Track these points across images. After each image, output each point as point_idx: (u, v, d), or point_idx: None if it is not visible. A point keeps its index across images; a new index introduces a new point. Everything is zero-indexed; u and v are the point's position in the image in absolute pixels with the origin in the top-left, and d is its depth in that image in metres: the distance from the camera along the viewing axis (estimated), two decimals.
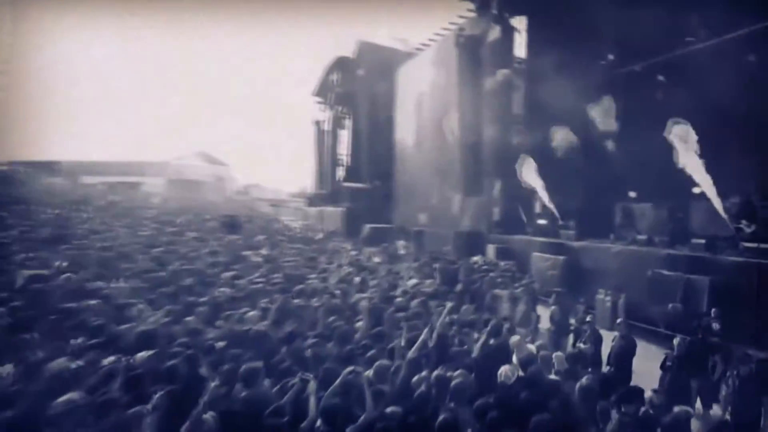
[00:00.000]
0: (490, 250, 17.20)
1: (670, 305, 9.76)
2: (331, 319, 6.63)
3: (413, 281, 10.59)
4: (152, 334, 5.33)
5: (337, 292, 8.47)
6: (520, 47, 18.58)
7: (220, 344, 5.41)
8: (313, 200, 40.08)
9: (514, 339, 6.36)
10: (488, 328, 6.16)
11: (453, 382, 4.47)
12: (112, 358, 4.46)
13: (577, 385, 4.74)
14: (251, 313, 6.61)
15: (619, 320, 8.12)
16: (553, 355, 5.77)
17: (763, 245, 10.02)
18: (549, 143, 16.74)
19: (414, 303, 7.78)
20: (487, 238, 18.00)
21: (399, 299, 8.08)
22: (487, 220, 18.99)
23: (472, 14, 19.88)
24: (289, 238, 20.00)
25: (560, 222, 16.00)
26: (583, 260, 13.71)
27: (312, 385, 4.06)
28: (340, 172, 37.29)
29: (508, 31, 18.24)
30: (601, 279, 12.59)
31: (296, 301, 7.61)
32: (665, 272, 11.13)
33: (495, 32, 18.35)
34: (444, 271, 12.45)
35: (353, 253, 16.08)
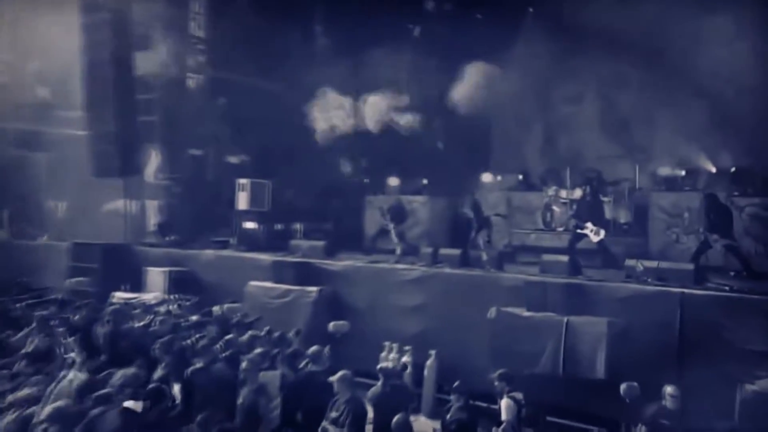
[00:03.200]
0: (155, 278, 11.76)
1: (624, 385, 6.25)
2: None
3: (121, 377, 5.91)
4: None
5: None
6: None
7: None
8: None
9: None
10: None
11: None
12: None
13: None
14: None
15: None
16: None
17: (665, 263, 8.31)
18: (249, 91, 13.64)
19: None
20: (142, 256, 12.73)
21: None
22: (139, 222, 14.25)
23: None
24: None
25: (279, 226, 13.31)
26: (351, 293, 10.04)
27: None
28: None
29: None
30: (389, 326, 9.24)
31: None
32: (523, 313, 8.10)
33: None
34: (106, 339, 7.61)
35: None
